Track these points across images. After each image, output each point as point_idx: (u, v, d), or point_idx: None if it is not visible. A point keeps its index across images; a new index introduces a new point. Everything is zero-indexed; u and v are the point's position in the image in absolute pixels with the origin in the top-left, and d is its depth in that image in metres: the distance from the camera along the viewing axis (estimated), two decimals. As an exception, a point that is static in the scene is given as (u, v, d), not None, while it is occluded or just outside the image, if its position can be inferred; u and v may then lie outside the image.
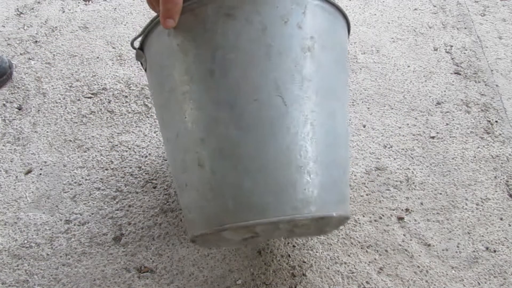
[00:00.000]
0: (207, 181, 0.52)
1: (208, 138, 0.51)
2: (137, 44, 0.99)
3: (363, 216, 0.77)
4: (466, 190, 0.81)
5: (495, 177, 0.82)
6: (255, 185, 0.49)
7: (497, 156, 0.86)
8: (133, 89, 0.96)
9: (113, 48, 1.05)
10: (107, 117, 0.91)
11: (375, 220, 0.77)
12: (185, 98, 0.53)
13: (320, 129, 0.52)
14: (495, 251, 0.73)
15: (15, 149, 0.86)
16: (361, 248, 0.73)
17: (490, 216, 0.77)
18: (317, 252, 0.72)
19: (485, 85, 0.98)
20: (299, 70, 0.51)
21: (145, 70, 0.63)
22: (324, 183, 0.51)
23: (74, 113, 0.92)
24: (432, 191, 0.80)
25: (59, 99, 0.95)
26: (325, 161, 0.52)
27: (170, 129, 0.57)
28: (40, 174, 0.83)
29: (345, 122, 0.57)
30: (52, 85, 0.97)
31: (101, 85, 0.97)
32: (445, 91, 0.97)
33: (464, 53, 1.05)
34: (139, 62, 0.63)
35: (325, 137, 0.52)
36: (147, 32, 0.58)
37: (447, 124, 0.91)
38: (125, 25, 1.11)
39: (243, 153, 0.50)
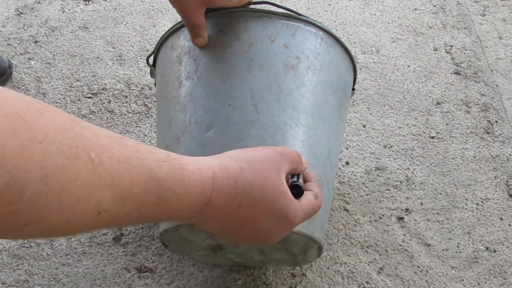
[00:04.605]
0: None
1: (183, 137, 0.54)
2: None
3: (363, 216, 0.77)
4: (466, 190, 0.81)
5: (495, 177, 0.82)
6: None
7: (497, 156, 0.86)
8: (133, 89, 0.96)
9: (113, 48, 1.05)
10: (107, 117, 0.91)
11: (375, 220, 0.77)
12: (172, 102, 0.57)
13: (292, 142, 0.52)
14: (495, 251, 0.73)
15: (15, 149, 0.86)
16: (361, 248, 0.73)
17: (490, 216, 0.77)
18: (317, 252, 0.72)
19: (485, 85, 0.98)
20: (278, 84, 0.54)
21: (155, 84, 0.67)
22: None
23: (74, 113, 0.92)
24: (432, 191, 0.80)
25: (59, 99, 0.95)
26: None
27: (159, 131, 0.60)
28: (40, 174, 0.83)
29: (329, 144, 0.57)
30: (52, 85, 0.97)
31: (101, 85, 0.97)
32: (445, 91, 0.97)
33: (464, 53, 1.05)
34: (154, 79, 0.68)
35: (298, 151, 0.52)
36: (158, 48, 0.63)
37: (447, 124, 0.91)
38: (125, 25, 1.11)
39: (210, 153, 0.52)
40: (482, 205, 0.79)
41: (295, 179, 0.44)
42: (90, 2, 1.17)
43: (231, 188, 0.38)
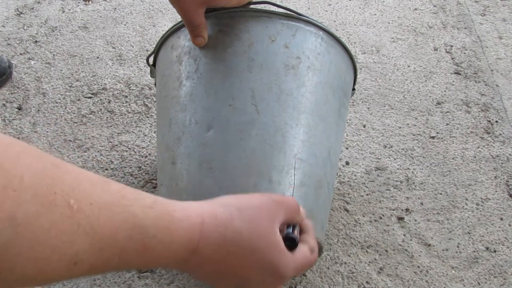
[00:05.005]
0: (175, 178, 0.53)
1: (183, 137, 0.54)
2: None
3: (363, 216, 0.77)
4: (466, 190, 0.80)
5: (495, 177, 0.82)
6: (214, 184, 0.50)
7: (497, 156, 0.86)
8: (133, 89, 0.96)
9: (113, 48, 1.05)
10: (107, 117, 0.91)
11: (375, 220, 0.77)
12: (173, 102, 0.56)
13: (293, 142, 0.52)
14: (495, 251, 0.73)
15: (15, 149, 0.86)
16: (361, 248, 0.73)
17: (490, 216, 0.77)
18: (317, 252, 0.72)
19: (485, 85, 0.98)
20: (278, 84, 0.54)
21: (155, 84, 0.67)
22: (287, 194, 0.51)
23: (74, 113, 0.92)
24: (432, 191, 0.80)
25: (59, 99, 0.95)
26: (293, 173, 0.52)
27: (159, 131, 0.60)
28: (40, 174, 0.83)
29: (329, 144, 0.57)
30: (52, 85, 0.97)
31: (101, 85, 0.97)
32: (445, 91, 0.97)
33: (464, 53, 1.05)
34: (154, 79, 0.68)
35: (298, 151, 0.53)
36: (158, 48, 0.63)
37: (447, 124, 0.91)
38: (125, 25, 1.11)
39: (210, 153, 0.51)
40: (482, 205, 0.79)
41: (290, 230, 0.42)
42: (90, 2, 1.17)
43: (220, 236, 0.37)
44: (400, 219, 0.77)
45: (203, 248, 0.36)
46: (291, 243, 0.41)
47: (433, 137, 0.88)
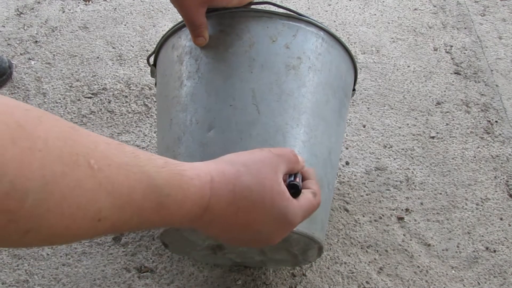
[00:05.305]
0: None
1: (184, 137, 0.54)
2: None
3: (363, 216, 0.77)
4: (466, 190, 0.81)
5: (495, 177, 0.82)
6: None
7: (497, 156, 0.86)
8: (133, 89, 0.96)
9: (113, 48, 1.05)
10: (107, 117, 0.91)
11: (375, 220, 0.77)
12: (173, 102, 0.57)
13: (294, 142, 0.52)
14: (495, 251, 0.73)
15: (15, 149, 0.86)
16: (361, 248, 0.73)
17: (490, 216, 0.77)
18: (317, 252, 0.72)
19: (485, 85, 0.98)
20: (279, 85, 0.54)
21: (156, 84, 0.67)
22: None
23: (74, 113, 0.92)
24: (432, 191, 0.80)
25: (59, 99, 0.95)
26: None
27: (160, 131, 0.60)
28: (40, 174, 0.83)
29: (330, 144, 0.57)
30: (52, 85, 0.97)
31: (101, 85, 0.97)
32: (445, 91, 0.97)
33: (464, 53, 1.05)
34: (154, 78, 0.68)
35: (299, 151, 0.53)
36: (158, 48, 0.63)
37: (447, 124, 0.91)
38: (125, 25, 1.11)
39: (211, 153, 0.51)
40: (482, 205, 0.79)
41: (292, 178, 0.44)
42: (90, 2, 1.17)
43: (229, 192, 0.39)
44: (400, 219, 0.77)
45: (214, 204, 0.38)
46: (295, 191, 0.43)
47: (433, 137, 0.89)
